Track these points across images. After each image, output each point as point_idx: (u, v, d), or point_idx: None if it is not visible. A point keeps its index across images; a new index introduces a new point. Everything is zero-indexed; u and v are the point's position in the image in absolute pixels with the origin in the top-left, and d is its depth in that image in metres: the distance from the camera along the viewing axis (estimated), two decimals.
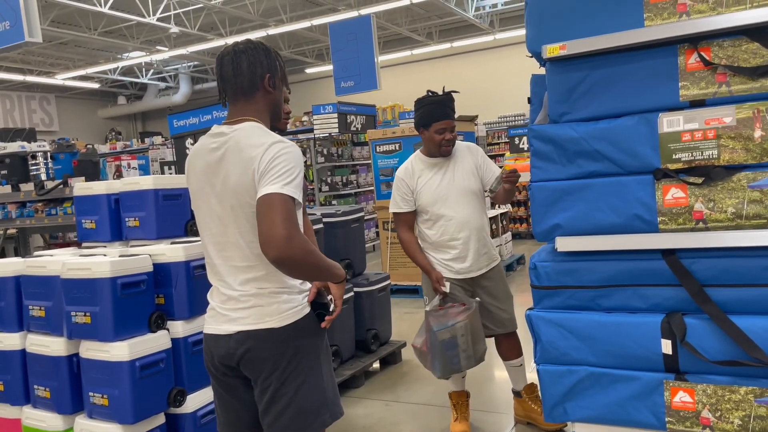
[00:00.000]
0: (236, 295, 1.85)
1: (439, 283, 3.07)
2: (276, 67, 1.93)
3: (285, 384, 1.83)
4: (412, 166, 3.20)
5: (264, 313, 1.82)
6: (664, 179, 1.75)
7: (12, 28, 5.89)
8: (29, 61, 16.33)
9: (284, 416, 1.83)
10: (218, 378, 1.95)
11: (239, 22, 14.38)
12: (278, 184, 1.69)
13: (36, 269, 2.88)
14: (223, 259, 1.88)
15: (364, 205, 10.21)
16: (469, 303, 3.06)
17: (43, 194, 5.28)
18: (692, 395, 1.72)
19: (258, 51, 1.89)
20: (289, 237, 1.63)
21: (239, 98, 1.89)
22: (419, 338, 3.11)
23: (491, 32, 15.28)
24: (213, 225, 1.89)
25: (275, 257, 1.64)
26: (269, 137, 1.79)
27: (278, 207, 1.66)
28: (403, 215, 3.20)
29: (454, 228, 3.11)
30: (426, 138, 3.13)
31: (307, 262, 1.69)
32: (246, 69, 1.86)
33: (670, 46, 1.73)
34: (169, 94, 20.28)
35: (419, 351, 3.10)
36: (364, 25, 10.80)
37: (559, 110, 1.90)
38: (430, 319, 3.01)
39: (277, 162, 1.72)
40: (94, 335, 2.65)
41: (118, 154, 11.03)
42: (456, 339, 2.98)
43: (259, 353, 1.82)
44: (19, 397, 2.95)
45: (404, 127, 7.26)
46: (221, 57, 1.90)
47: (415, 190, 3.15)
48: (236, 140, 1.80)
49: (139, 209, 3.13)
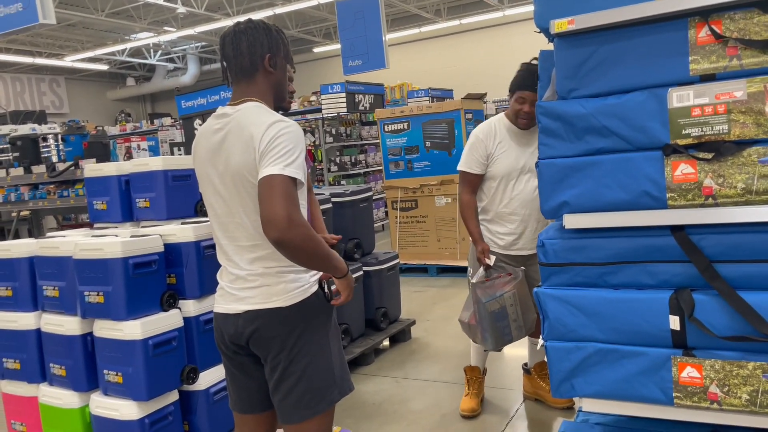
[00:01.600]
0: (244, 275, 1.87)
1: (484, 255, 3.03)
2: (277, 47, 1.91)
3: (293, 362, 1.85)
4: (495, 129, 3.09)
5: (271, 292, 1.84)
6: (673, 155, 1.73)
7: (25, 9, 5.89)
8: (38, 43, 16.33)
9: (293, 394, 1.86)
10: (229, 356, 1.98)
11: (246, 1, 14.27)
12: (279, 164, 1.69)
13: (49, 250, 2.92)
14: (229, 239, 1.90)
15: (373, 184, 10.20)
16: (515, 272, 3.02)
17: (54, 176, 5.33)
18: (700, 371, 1.72)
19: (258, 30, 1.88)
20: (289, 218, 1.64)
21: (241, 79, 1.89)
22: (466, 312, 3.07)
23: (500, 8, 15.08)
24: (218, 206, 1.90)
25: (276, 238, 1.65)
26: (270, 116, 1.79)
27: (279, 188, 1.67)
28: (471, 176, 3.11)
29: (519, 203, 3.06)
30: (510, 104, 3.06)
31: (306, 246, 1.69)
32: (246, 49, 1.86)
33: (681, 19, 1.69)
34: (177, 75, 20.25)
35: (467, 325, 3.05)
36: (372, 3, 10.69)
37: (568, 86, 1.87)
38: (477, 291, 2.96)
39: (278, 142, 1.73)
40: (107, 314, 2.69)
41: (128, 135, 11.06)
42: (506, 309, 2.95)
43: (267, 332, 1.84)
44: (36, 375, 3.01)
45: (413, 106, 7.22)
46: (223, 37, 1.90)
47: (493, 155, 3.05)
48: (238, 120, 1.81)
49: (149, 190, 3.15)
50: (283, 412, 1.90)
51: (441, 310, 5.50)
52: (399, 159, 7.09)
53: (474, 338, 3.08)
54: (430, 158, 6.88)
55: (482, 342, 3.01)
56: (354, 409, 3.54)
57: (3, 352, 3.07)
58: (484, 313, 2.93)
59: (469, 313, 3.04)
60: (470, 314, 3.03)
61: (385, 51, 10.64)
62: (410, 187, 6.98)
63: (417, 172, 6.97)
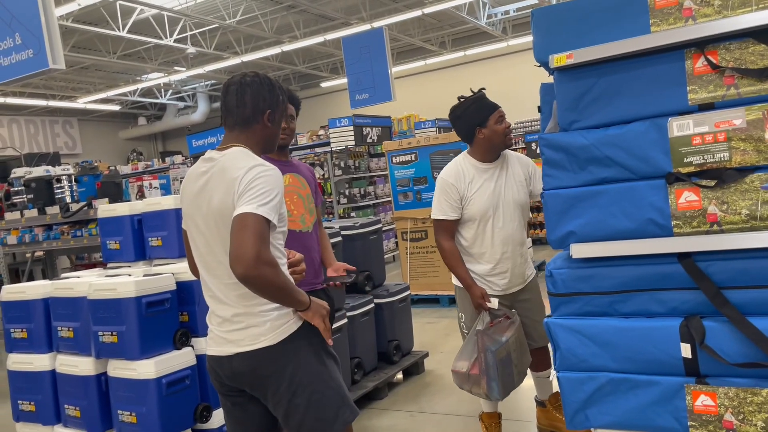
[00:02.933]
0: (229, 316, 1.91)
1: (484, 299, 2.89)
2: (277, 103, 2.00)
3: (296, 395, 1.90)
4: (463, 170, 2.96)
5: (258, 333, 1.88)
6: (676, 183, 1.75)
7: (36, 56, 6.05)
8: (52, 86, 16.71)
9: (306, 423, 1.91)
10: (225, 394, 2.03)
11: (254, 40, 14.57)
12: (254, 204, 1.76)
13: (64, 291, 2.96)
14: (213, 276, 1.95)
15: (382, 215, 10.24)
16: (512, 315, 2.92)
17: (68, 216, 5.40)
18: (714, 398, 1.71)
19: (263, 86, 1.97)
20: (257, 256, 1.69)
21: (236, 127, 1.97)
22: (463, 362, 2.88)
23: (504, 39, 15.30)
24: (201, 244, 1.96)
25: (241, 275, 1.70)
26: (252, 161, 1.87)
27: (251, 226, 1.72)
28: (447, 223, 2.95)
29: (500, 241, 2.94)
30: (485, 136, 2.90)
31: (272, 283, 1.74)
32: (249, 101, 1.94)
33: (677, 50, 1.74)
34: (188, 113, 20.58)
35: (466, 375, 2.86)
36: (377, 38, 10.90)
37: (569, 118, 1.91)
38: (484, 339, 2.81)
39: (255, 183, 1.80)
40: (121, 354, 2.71)
41: (140, 174, 11.22)
42: (510, 355, 2.84)
43: (262, 371, 1.89)
44: (50, 416, 3.02)
45: (420, 138, 7.29)
46: (227, 85, 1.98)
47: (466, 197, 2.92)
48: (222, 165, 1.89)
49: (161, 229, 3.20)
50: None
51: (454, 342, 5.46)
52: (408, 190, 7.13)
53: (473, 388, 2.89)
54: None
55: (488, 391, 2.84)
56: None
57: (18, 394, 3.09)
58: (493, 362, 2.78)
59: (468, 362, 2.86)
60: (469, 363, 2.85)
61: (392, 84, 10.80)
62: (419, 218, 7.00)
63: (426, 203, 7.00)
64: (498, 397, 2.87)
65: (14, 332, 3.10)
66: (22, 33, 6.10)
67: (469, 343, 2.91)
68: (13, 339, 3.11)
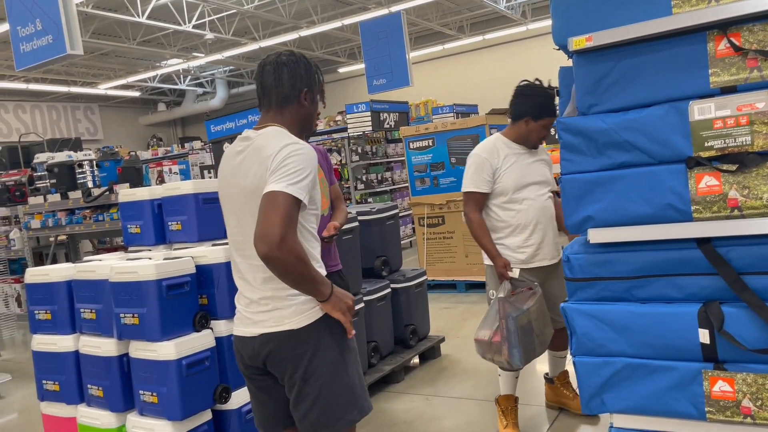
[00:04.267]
0: (257, 298, 1.92)
1: (506, 268, 3.03)
2: (315, 82, 1.99)
3: (308, 383, 1.88)
4: (497, 147, 3.12)
5: (283, 315, 1.88)
6: (696, 167, 1.73)
7: (55, 41, 6.13)
8: (73, 72, 16.88)
9: (311, 413, 1.89)
10: (249, 377, 2.03)
11: (272, 26, 14.55)
12: (284, 182, 1.74)
13: (86, 274, 3.01)
14: (243, 257, 1.95)
15: (399, 201, 10.24)
16: (535, 287, 3.02)
17: (90, 201, 5.49)
18: (732, 384, 1.70)
19: (299, 65, 1.96)
20: (282, 237, 1.67)
21: (273, 107, 1.96)
22: (485, 330, 2.99)
23: (523, 23, 15.11)
24: (233, 224, 1.96)
25: (264, 254, 1.68)
26: (286, 139, 1.85)
27: (279, 205, 1.70)
28: (478, 195, 3.10)
29: (534, 211, 3.07)
30: (528, 128, 3.07)
31: (294, 268, 1.71)
32: (286, 81, 1.93)
33: (699, 33, 1.70)
34: (206, 99, 20.69)
35: (488, 343, 2.97)
36: (395, 23, 10.82)
37: (588, 102, 1.89)
38: (505, 306, 2.92)
39: (288, 161, 1.78)
40: (142, 335, 2.76)
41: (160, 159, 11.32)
42: (531, 324, 2.95)
43: (281, 354, 1.89)
44: (74, 396, 3.09)
45: (437, 123, 7.26)
46: (263, 65, 1.97)
47: (499, 170, 3.07)
48: (257, 143, 1.88)
49: (180, 213, 3.24)
50: (303, 430, 1.94)
51: (471, 327, 5.47)
52: (425, 176, 7.12)
53: (495, 356, 2.97)
54: (456, 174, 6.89)
55: (509, 358, 2.93)
56: (385, 428, 3.54)
57: (43, 374, 3.16)
58: (514, 328, 2.88)
59: (490, 330, 2.96)
60: (492, 332, 2.95)
61: (409, 69, 10.74)
62: (437, 204, 7.00)
63: (443, 188, 6.99)
64: (519, 364, 2.95)
65: (38, 314, 3.17)
66: (42, 19, 6.17)
67: (491, 312, 3.00)
68: (38, 320, 3.18)
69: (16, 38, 6.47)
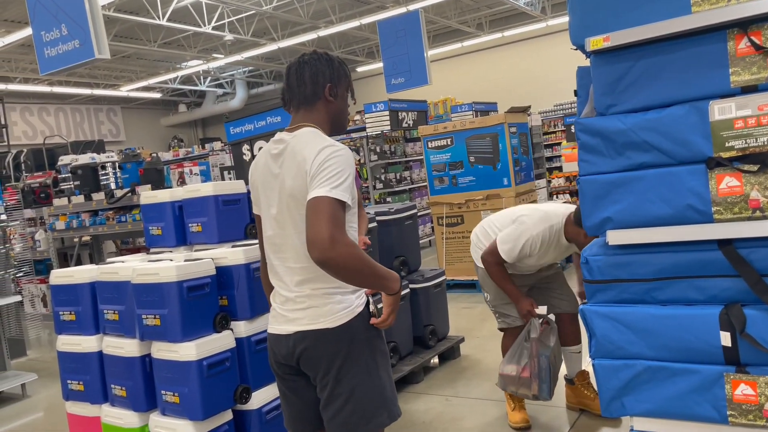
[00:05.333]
0: (293, 297, 1.92)
1: (533, 306, 3.17)
2: (339, 77, 2.00)
3: (340, 383, 1.88)
4: (551, 240, 3.10)
5: (318, 313, 1.88)
6: (717, 168, 1.71)
7: (82, 46, 6.23)
8: (96, 75, 17.14)
9: (341, 414, 1.89)
10: (281, 376, 2.03)
11: (290, 26, 14.63)
12: (326, 187, 1.75)
13: (109, 275, 3.06)
14: (280, 259, 1.96)
15: (418, 200, 10.23)
16: (551, 321, 3.22)
17: (113, 203, 5.57)
18: (754, 388, 1.68)
19: (321, 61, 1.97)
20: (332, 239, 1.67)
21: (301, 107, 1.97)
22: (512, 365, 3.17)
23: (543, 19, 14.99)
24: (270, 227, 1.97)
25: (318, 258, 1.69)
26: (322, 141, 1.85)
27: (325, 210, 1.71)
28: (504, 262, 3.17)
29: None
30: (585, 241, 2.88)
31: (351, 265, 1.71)
32: (308, 79, 1.95)
33: (719, 31, 1.68)
34: (226, 100, 20.87)
35: (515, 378, 3.15)
36: (413, 21, 10.81)
37: (606, 102, 1.87)
38: (537, 345, 3.10)
39: (327, 165, 1.78)
40: (164, 336, 2.80)
41: (181, 161, 11.44)
42: (556, 359, 3.19)
43: (315, 352, 1.89)
44: (98, 396, 3.14)
45: (456, 122, 7.24)
46: (288, 68, 2.00)
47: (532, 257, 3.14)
48: (293, 146, 1.89)
49: (201, 215, 3.27)
50: (331, 431, 1.94)
51: (490, 327, 5.44)
52: (443, 175, 7.10)
53: (521, 389, 3.17)
54: (475, 173, 6.87)
55: (538, 392, 3.12)
56: (404, 428, 3.55)
57: (68, 374, 3.22)
58: (546, 365, 3.08)
59: (517, 366, 3.14)
60: (519, 367, 3.13)
61: (428, 67, 10.72)
62: (455, 203, 6.98)
63: (462, 188, 6.97)
64: (547, 397, 3.15)
65: (63, 315, 3.23)
66: (68, 24, 6.27)
67: (518, 349, 3.18)
68: (62, 321, 3.23)
69: (40, 43, 6.58)
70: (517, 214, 3.21)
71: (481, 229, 3.42)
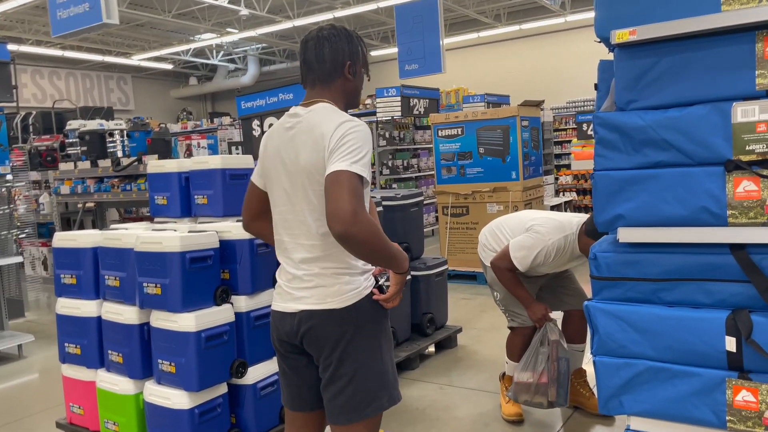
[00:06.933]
0: (300, 275, 1.90)
1: (548, 310, 3.13)
2: (357, 54, 1.96)
3: (344, 364, 1.87)
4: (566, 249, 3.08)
5: (326, 293, 1.86)
6: (735, 171, 1.68)
7: (91, 9, 6.20)
8: (108, 42, 17.06)
9: (343, 395, 1.88)
10: (283, 354, 2.02)
11: (307, 5, 14.52)
12: (347, 161, 1.72)
13: (112, 241, 3.05)
14: (291, 236, 1.93)
15: (424, 189, 10.20)
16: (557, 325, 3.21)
17: (119, 170, 5.55)
18: (756, 395, 1.67)
19: (341, 38, 1.93)
20: (354, 213, 1.65)
21: (318, 83, 1.94)
22: (527, 372, 3.10)
23: (562, 14, 14.85)
24: (281, 202, 1.94)
25: (340, 232, 1.66)
26: (340, 116, 1.82)
27: (346, 184, 1.68)
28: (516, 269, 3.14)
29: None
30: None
31: (370, 241, 1.70)
32: (328, 56, 1.91)
33: (748, 32, 1.65)
34: (237, 76, 20.78)
35: (532, 385, 3.09)
36: (431, 8, 10.70)
37: (627, 97, 1.84)
38: (557, 349, 3.08)
39: (347, 140, 1.75)
40: (164, 305, 2.79)
41: (189, 133, 11.41)
42: (569, 363, 3.16)
43: (320, 332, 1.87)
44: (95, 360, 3.14)
45: (467, 112, 7.19)
46: (305, 41, 1.95)
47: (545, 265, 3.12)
48: (308, 120, 1.86)
49: (207, 187, 3.25)
50: (331, 411, 1.92)
51: (489, 319, 5.45)
52: (452, 164, 7.07)
53: (535, 398, 3.09)
54: (484, 165, 6.83)
55: (555, 398, 3.08)
56: (397, 414, 3.56)
57: (65, 337, 3.22)
58: (565, 369, 3.07)
59: (534, 373, 3.07)
60: (536, 374, 3.06)
61: (442, 55, 10.63)
62: (462, 193, 6.95)
63: (469, 179, 6.94)
64: (564, 403, 3.14)
65: (64, 278, 3.23)
66: None
67: (532, 354, 3.12)
68: (63, 284, 3.23)
69: (54, 4, 6.55)
70: (530, 221, 3.14)
71: (491, 231, 3.37)
